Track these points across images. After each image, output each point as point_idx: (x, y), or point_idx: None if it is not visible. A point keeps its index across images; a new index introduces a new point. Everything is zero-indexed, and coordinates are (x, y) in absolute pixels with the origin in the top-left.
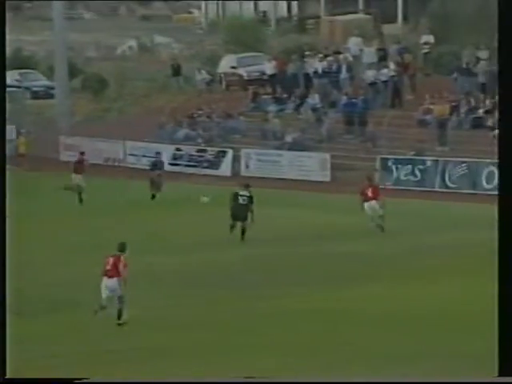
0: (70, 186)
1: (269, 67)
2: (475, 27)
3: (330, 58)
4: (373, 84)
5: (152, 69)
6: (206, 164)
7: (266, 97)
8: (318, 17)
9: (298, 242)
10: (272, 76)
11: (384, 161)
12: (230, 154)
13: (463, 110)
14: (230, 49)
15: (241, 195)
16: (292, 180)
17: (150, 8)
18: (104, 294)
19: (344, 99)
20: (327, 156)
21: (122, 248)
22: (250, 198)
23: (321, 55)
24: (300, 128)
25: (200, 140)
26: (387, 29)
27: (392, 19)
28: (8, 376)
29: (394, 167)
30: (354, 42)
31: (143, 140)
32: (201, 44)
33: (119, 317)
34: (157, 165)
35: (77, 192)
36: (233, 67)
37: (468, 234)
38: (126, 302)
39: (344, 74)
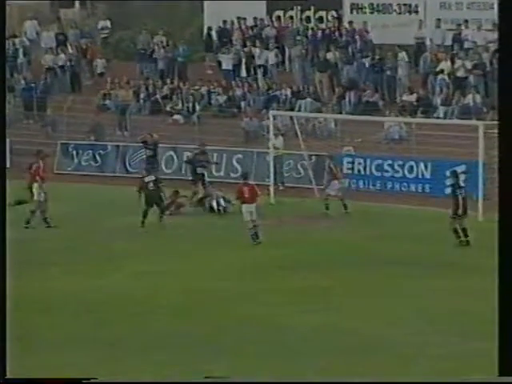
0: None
1: None
2: (151, 13)
3: (6, 41)
4: (51, 69)
5: None
6: None
7: None
8: None
9: None
10: None
11: (64, 146)
12: None
13: (142, 95)
14: None
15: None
16: None
17: None
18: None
19: (23, 84)
20: (7, 141)
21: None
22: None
23: None
24: None
25: None
26: (65, 13)
27: (69, 4)
28: (8, 376)
29: (74, 152)
30: (30, 26)
31: None
32: None
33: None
34: None
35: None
36: None
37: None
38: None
39: (21, 58)
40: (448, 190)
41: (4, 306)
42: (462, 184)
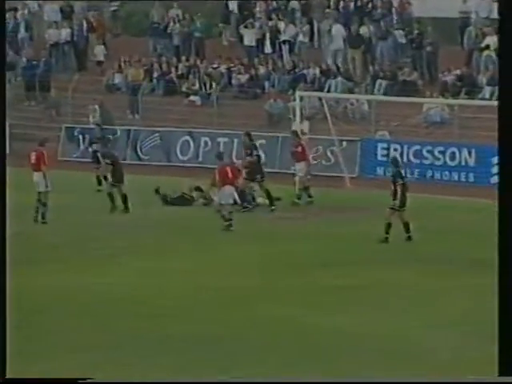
0: None
1: None
2: None
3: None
4: (56, 45)
5: None
6: None
7: None
8: None
9: None
10: None
11: (69, 130)
12: None
13: (156, 74)
14: None
15: None
16: None
17: None
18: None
19: (23, 62)
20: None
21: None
22: None
23: None
24: None
25: None
26: None
27: None
28: (8, 376)
29: (80, 137)
30: None
31: None
32: None
33: None
34: None
35: None
36: None
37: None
38: None
39: (22, 33)
40: (491, 180)
41: (4, 306)
42: (402, 173)
